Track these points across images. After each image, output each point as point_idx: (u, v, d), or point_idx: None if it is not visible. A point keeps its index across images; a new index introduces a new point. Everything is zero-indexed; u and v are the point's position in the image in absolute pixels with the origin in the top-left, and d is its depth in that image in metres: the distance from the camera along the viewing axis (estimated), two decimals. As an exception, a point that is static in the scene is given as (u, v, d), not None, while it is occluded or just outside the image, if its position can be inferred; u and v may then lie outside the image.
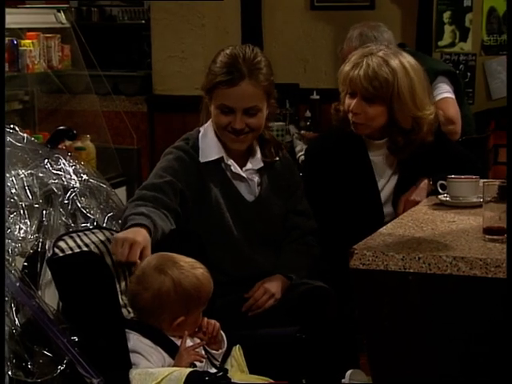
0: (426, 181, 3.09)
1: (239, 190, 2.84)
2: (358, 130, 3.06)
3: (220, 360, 2.40)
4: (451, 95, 4.27)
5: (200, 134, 2.85)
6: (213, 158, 2.81)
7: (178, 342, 2.31)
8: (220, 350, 2.40)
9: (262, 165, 2.88)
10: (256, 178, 2.87)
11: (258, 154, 2.89)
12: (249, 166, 2.86)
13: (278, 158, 2.94)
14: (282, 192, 2.92)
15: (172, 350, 2.29)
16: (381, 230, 2.55)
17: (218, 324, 2.39)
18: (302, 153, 4.69)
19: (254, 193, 2.86)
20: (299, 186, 3.00)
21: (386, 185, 3.13)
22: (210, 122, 2.86)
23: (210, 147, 2.82)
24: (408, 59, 3.04)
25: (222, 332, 2.41)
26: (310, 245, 2.94)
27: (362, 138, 3.10)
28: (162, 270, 2.31)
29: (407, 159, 3.10)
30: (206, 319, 2.38)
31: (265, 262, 2.84)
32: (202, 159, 2.80)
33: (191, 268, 2.33)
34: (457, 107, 4.24)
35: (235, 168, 2.83)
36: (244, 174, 2.84)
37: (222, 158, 2.82)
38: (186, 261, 2.35)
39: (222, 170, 2.82)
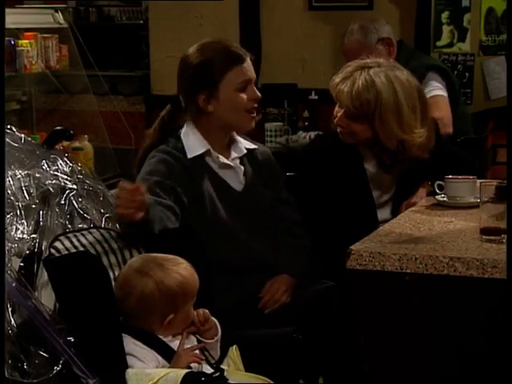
0: (425, 184, 3.09)
1: (227, 181, 2.86)
2: (343, 139, 3.05)
3: (218, 351, 2.39)
4: (442, 93, 4.24)
5: (181, 134, 2.87)
6: (200, 152, 2.82)
7: (172, 344, 2.31)
8: (215, 338, 2.38)
9: (245, 151, 2.92)
10: (241, 167, 2.90)
11: (239, 141, 2.93)
12: (234, 154, 2.90)
13: (256, 146, 2.98)
14: (265, 180, 2.95)
15: (166, 352, 2.28)
16: (378, 230, 2.55)
17: (207, 311, 2.37)
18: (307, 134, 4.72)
19: (241, 182, 2.89)
20: (281, 174, 3.04)
21: (383, 194, 3.12)
22: (187, 124, 2.88)
23: (194, 143, 2.84)
24: (401, 77, 2.96)
25: (213, 319, 2.39)
26: (299, 236, 2.96)
27: (357, 146, 3.09)
28: (142, 271, 2.30)
29: (403, 172, 3.09)
30: (195, 312, 2.36)
31: (262, 249, 2.86)
32: (190, 155, 2.82)
33: (173, 265, 2.31)
34: (448, 107, 4.22)
35: (223, 159, 2.85)
36: (232, 164, 2.87)
37: (207, 152, 2.84)
38: (167, 258, 2.34)
39: (207, 165, 2.84)
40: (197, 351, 2.32)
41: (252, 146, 2.97)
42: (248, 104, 2.83)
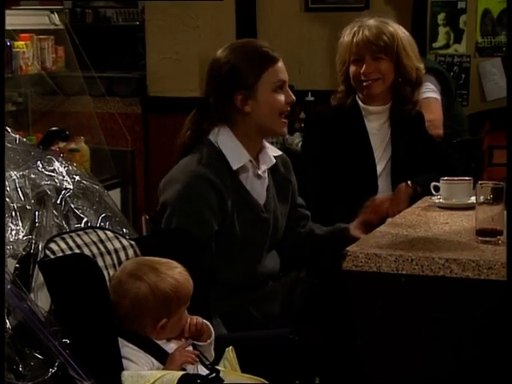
0: (403, 186, 3.14)
1: (252, 193, 2.79)
2: (372, 90, 3.21)
3: (212, 353, 2.38)
4: (436, 95, 4.26)
5: (218, 142, 2.76)
6: (243, 163, 2.76)
7: (166, 346, 2.30)
8: (209, 340, 2.37)
9: (274, 161, 2.87)
10: (267, 180, 2.86)
11: (268, 150, 2.87)
12: (263, 166, 2.84)
13: (280, 153, 2.96)
14: (284, 191, 2.93)
15: (160, 355, 2.27)
16: (374, 231, 2.56)
17: (200, 320, 2.36)
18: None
19: (264, 195, 2.84)
20: (295, 180, 3.02)
21: (382, 155, 3.25)
22: (222, 130, 2.78)
23: (237, 152, 2.76)
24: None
25: (206, 321, 2.38)
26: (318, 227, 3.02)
27: (360, 108, 3.23)
28: (136, 275, 2.28)
29: (399, 132, 3.24)
30: (188, 321, 2.36)
31: (272, 263, 2.87)
32: (234, 166, 2.74)
33: (167, 269, 2.30)
34: (440, 109, 4.23)
35: (259, 169, 2.81)
36: (263, 175, 2.83)
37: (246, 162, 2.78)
38: (161, 262, 2.32)
39: (231, 177, 2.75)
40: (190, 348, 2.31)
41: (277, 152, 2.92)
42: (284, 107, 2.79)
